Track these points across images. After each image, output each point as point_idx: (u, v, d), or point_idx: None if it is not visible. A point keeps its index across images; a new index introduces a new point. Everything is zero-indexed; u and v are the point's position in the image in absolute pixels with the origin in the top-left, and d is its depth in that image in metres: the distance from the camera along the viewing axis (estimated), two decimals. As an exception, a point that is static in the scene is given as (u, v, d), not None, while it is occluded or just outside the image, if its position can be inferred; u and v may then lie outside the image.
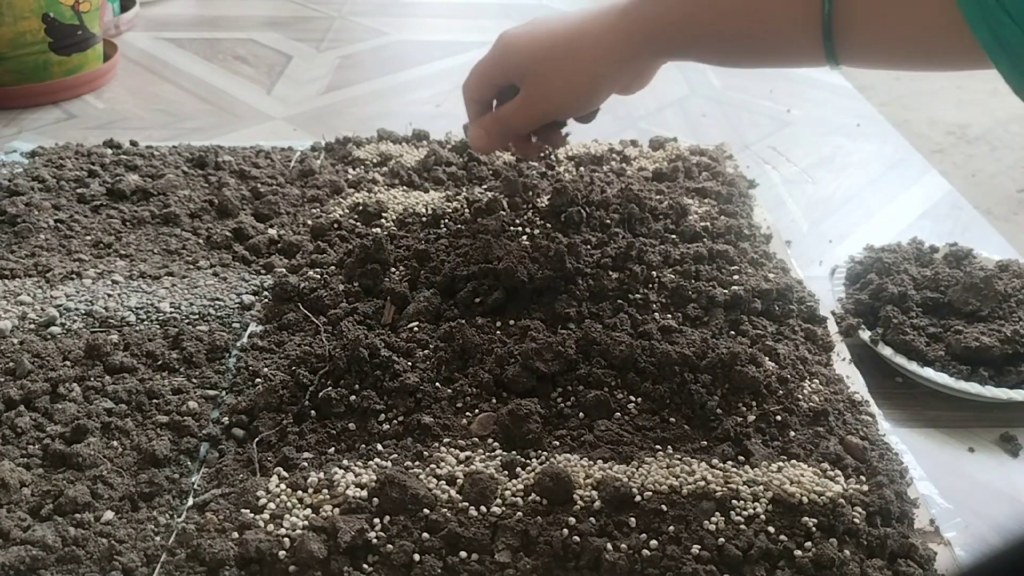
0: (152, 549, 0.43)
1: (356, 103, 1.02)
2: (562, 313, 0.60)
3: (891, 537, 0.44)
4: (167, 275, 0.64)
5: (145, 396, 0.52)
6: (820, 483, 0.47)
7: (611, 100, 0.64)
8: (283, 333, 0.59)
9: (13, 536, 0.43)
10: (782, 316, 0.61)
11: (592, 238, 0.67)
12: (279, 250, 0.68)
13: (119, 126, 0.94)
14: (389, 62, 1.15)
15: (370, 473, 0.47)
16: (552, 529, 0.44)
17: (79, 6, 0.97)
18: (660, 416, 0.52)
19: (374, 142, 0.85)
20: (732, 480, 0.47)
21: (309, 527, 0.44)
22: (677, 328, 0.58)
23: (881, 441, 0.51)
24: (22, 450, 0.48)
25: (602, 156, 0.82)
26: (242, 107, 0.99)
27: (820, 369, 0.56)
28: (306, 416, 0.51)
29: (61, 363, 0.55)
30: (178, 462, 0.49)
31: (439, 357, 0.55)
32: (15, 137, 0.90)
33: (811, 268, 0.71)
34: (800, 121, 1.00)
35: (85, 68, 1.01)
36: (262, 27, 1.27)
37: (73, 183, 0.75)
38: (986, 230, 0.78)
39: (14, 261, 0.65)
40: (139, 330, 0.58)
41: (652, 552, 0.43)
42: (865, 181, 0.87)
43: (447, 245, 0.67)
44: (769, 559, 0.43)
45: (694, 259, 0.65)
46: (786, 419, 0.52)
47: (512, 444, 0.50)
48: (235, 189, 0.75)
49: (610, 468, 0.48)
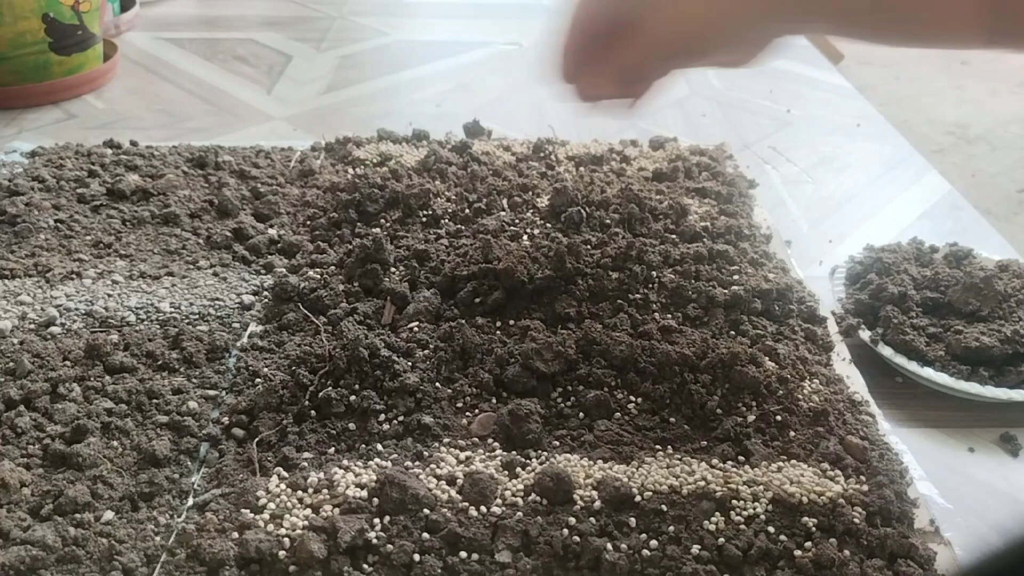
0: (152, 549, 0.43)
1: (356, 103, 1.02)
2: (562, 313, 0.60)
3: (891, 537, 0.44)
4: (167, 275, 0.64)
5: (145, 396, 0.52)
6: (820, 483, 0.47)
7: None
8: (283, 333, 0.59)
9: (13, 536, 0.43)
10: (782, 316, 0.61)
11: (592, 238, 0.67)
12: (279, 250, 0.68)
13: (119, 126, 0.94)
14: (389, 62, 1.15)
15: (370, 473, 0.47)
16: (552, 529, 0.44)
17: (79, 6, 0.97)
18: (660, 416, 0.52)
19: (374, 142, 0.85)
20: (732, 480, 0.47)
21: (309, 527, 0.44)
22: (677, 328, 0.58)
23: (881, 441, 0.51)
24: (22, 450, 0.48)
25: (602, 156, 0.82)
26: (242, 107, 0.99)
27: (820, 369, 0.56)
28: (306, 416, 0.51)
29: (61, 363, 0.55)
30: (178, 462, 0.49)
31: (439, 357, 0.55)
32: (15, 137, 0.90)
33: (811, 268, 0.71)
34: (800, 121, 1.00)
35: (85, 68, 1.01)
36: (262, 27, 1.27)
37: (73, 183, 0.75)
38: (986, 230, 0.78)
39: (14, 261, 0.65)
40: (139, 330, 0.58)
41: (652, 552, 0.43)
42: (865, 181, 0.87)
43: (447, 245, 0.67)
44: (769, 559, 0.43)
45: (694, 259, 0.65)
46: (786, 419, 0.52)
47: (512, 444, 0.50)
48: (235, 189, 0.75)
49: (610, 468, 0.48)
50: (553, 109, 1.00)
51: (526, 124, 0.96)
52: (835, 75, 1.15)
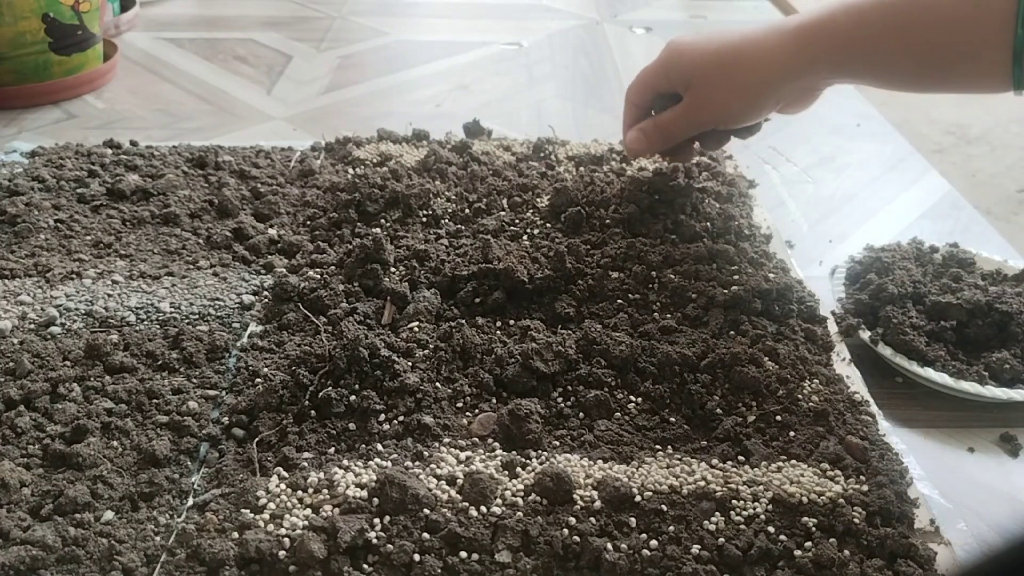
0: (152, 549, 0.43)
1: (356, 103, 1.02)
2: (562, 313, 0.60)
3: (891, 537, 0.44)
4: (167, 275, 0.64)
5: (145, 396, 0.52)
6: (820, 483, 0.47)
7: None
8: (283, 333, 0.59)
9: (13, 536, 0.43)
10: (782, 316, 0.61)
11: (592, 238, 0.67)
12: (279, 250, 0.69)
13: (119, 126, 0.94)
14: (389, 62, 1.15)
15: (370, 473, 0.47)
16: (552, 529, 0.44)
17: (79, 6, 0.97)
18: (660, 416, 0.52)
19: (374, 142, 0.85)
20: (732, 480, 0.47)
21: (309, 527, 0.44)
22: (677, 328, 0.58)
23: (881, 441, 0.51)
24: (22, 450, 0.48)
25: (602, 156, 0.82)
26: (242, 107, 0.99)
27: (820, 369, 0.56)
28: (306, 416, 0.51)
29: (61, 363, 0.55)
30: (178, 462, 0.49)
31: (439, 357, 0.55)
32: (15, 137, 0.90)
33: (811, 268, 0.71)
34: (800, 121, 1.00)
35: (85, 68, 1.01)
36: (262, 27, 1.27)
37: (73, 183, 0.75)
38: (986, 230, 0.78)
39: (14, 261, 0.65)
40: (139, 330, 0.58)
41: (652, 552, 0.43)
42: (865, 181, 0.87)
43: (447, 245, 0.67)
44: (769, 559, 0.43)
45: (694, 259, 0.65)
46: (786, 419, 0.52)
47: (512, 444, 0.50)
48: (235, 189, 0.75)
49: (610, 468, 0.48)
50: (553, 109, 1.00)
51: (526, 124, 0.96)
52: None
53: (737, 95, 0.62)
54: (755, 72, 0.61)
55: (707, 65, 0.62)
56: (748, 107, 0.63)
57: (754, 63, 0.61)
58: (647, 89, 0.68)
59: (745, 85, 0.62)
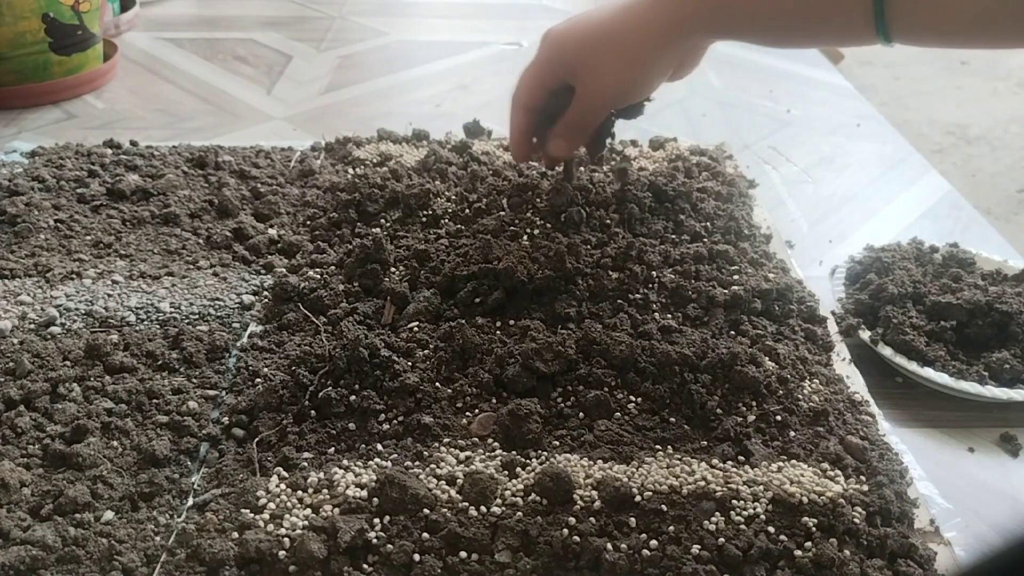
0: (152, 549, 0.43)
1: (356, 103, 1.02)
2: (562, 313, 0.60)
3: (891, 537, 0.44)
4: (167, 275, 0.64)
5: (145, 396, 0.52)
6: (820, 483, 0.47)
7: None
8: (283, 333, 0.59)
9: (13, 536, 0.43)
10: (782, 316, 0.61)
11: (592, 238, 0.67)
12: (279, 250, 0.69)
13: (119, 126, 0.94)
14: (389, 62, 1.15)
15: (370, 473, 0.47)
16: (552, 529, 0.44)
17: (79, 6, 0.97)
18: (660, 416, 0.52)
19: (374, 142, 0.85)
20: (732, 480, 0.47)
21: (309, 527, 0.44)
22: (677, 328, 0.58)
23: (881, 441, 0.51)
24: (22, 450, 0.48)
25: (602, 156, 0.82)
26: (242, 107, 0.99)
27: (820, 369, 0.56)
28: (306, 416, 0.51)
29: (61, 363, 0.55)
30: (178, 462, 0.49)
31: (439, 357, 0.55)
32: (15, 137, 0.90)
33: (811, 268, 0.71)
34: (800, 121, 1.00)
35: (85, 68, 1.01)
36: (262, 27, 1.27)
37: (73, 183, 0.75)
38: (986, 230, 0.78)
39: (14, 261, 0.65)
40: (139, 330, 0.58)
41: (652, 552, 0.43)
42: (865, 181, 0.87)
43: (447, 245, 0.67)
44: (769, 559, 0.43)
45: (694, 259, 0.65)
46: (786, 419, 0.52)
47: (512, 444, 0.50)
48: (235, 189, 0.75)
49: (610, 468, 0.48)
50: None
51: (526, 124, 0.96)
52: (835, 75, 1.15)
53: (628, 66, 0.60)
54: (639, 38, 0.59)
55: (591, 45, 0.61)
56: (640, 76, 0.61)
57: (635, 30, 0.59)
58: (538, 88, 0.65)
59: (633, 54, 0.60)
